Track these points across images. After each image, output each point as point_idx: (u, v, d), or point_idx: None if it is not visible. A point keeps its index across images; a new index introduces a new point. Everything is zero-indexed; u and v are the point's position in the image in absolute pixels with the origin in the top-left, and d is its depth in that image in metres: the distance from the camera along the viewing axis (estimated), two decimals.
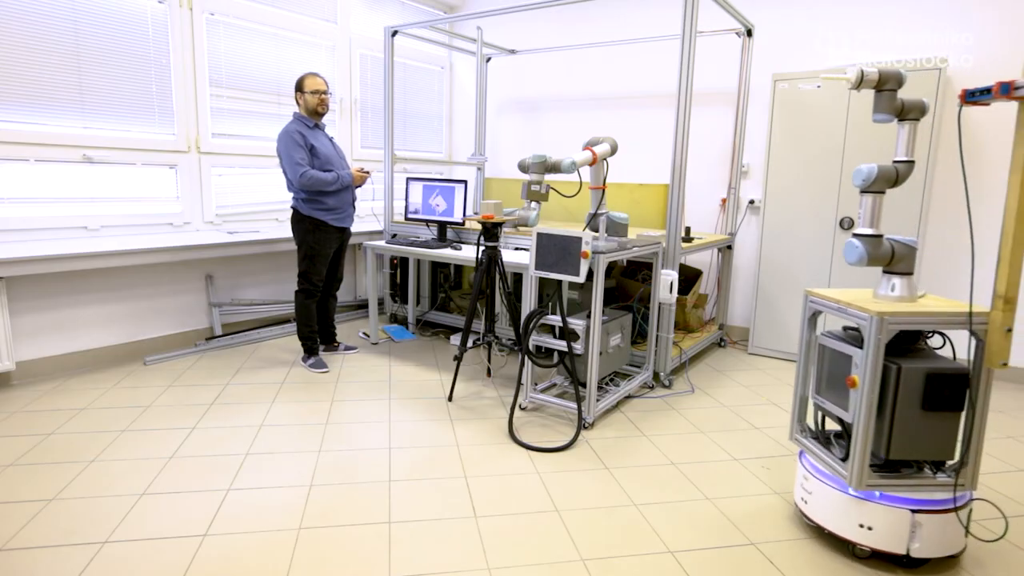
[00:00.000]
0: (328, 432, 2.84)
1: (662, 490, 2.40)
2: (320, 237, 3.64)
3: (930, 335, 2.00)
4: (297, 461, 2.55)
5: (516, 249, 3.88)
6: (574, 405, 3.02)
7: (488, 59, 5.40)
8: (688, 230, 4.02)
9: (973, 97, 1.81)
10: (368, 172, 3.77)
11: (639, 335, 3.82)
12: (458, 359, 3.29)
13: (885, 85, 2.00)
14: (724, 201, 4.65)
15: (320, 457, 2.59)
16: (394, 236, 4.44)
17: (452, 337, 4.52)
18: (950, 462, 1.97)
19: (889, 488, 1.91)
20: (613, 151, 3.09)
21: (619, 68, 5.05)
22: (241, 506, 2.20)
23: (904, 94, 1.98)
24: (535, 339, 3.05)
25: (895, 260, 1.98)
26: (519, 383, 3.00)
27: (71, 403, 3.09)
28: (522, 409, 3.16)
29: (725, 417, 3.15)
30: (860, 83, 2.00)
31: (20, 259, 3.06)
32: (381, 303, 5.11)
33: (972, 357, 1.91)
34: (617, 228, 3.17)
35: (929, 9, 3.84)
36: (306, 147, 3.49)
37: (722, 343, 4.54)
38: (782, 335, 4.21)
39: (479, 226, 3.39)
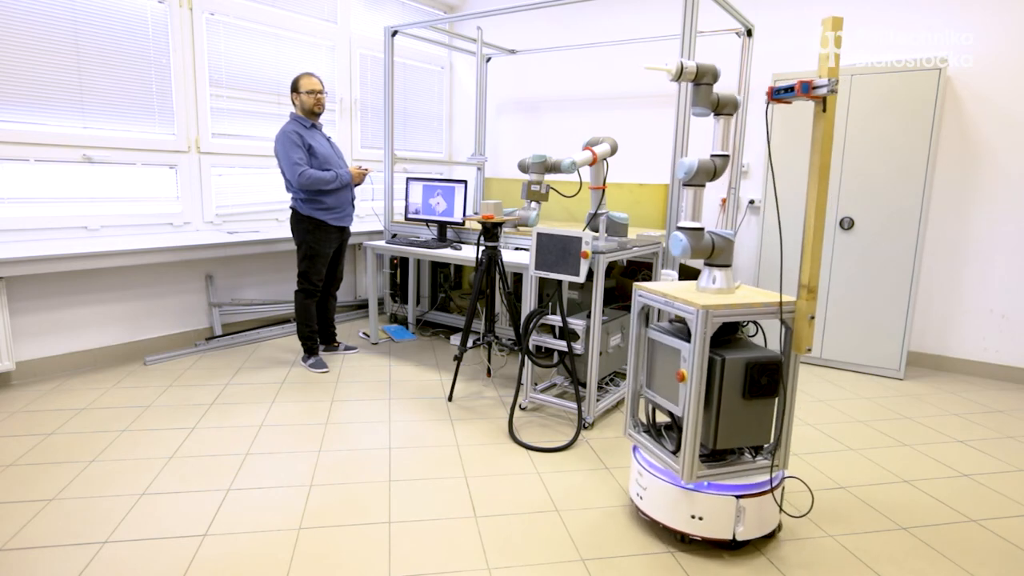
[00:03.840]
0: (328, 432, 2.84)
1: None
2: (320, 237, 3.64)
3: (745, 324, 2.05)
4: (297, 461, 2.55)
5: (516, 249, 3.88)
6: (574, 405, 3.02)
7: (488, 59, 5.39)
8: None
9: (778, 95, 1.88)
10: (367, 170, 3.77)
11: None
12: (458, 359, 3.29)
13: (702, 79, 2.06)
14: (724, 201, 4.65)
15: (320, 457, 2.59)
16: (394, 236, 4.44)
17: (452, 337, 4.52)
18: (766, 445, 2.05)
19: (715, 477, 1.97)
20: (613, 151, 3.09)
21: (619, 68, 5.04)
22: (241, 506, 2.20)
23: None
24: (535, 339, 3.05)
25: (715, 253, 2.03)
26: (519, 383, 3.00)
27: (71, 403, 3.09)
28: (522, 409, 3.16)
29: None
30: (680, 75, 2.05)
31: (20, 259, 3.06)
32: (381, 303, 5.11)
33: (782, 344, 2.01)
34: (617, 228, 3.17)
35: (929, 9, 3.83)
36: (304, 147, 3.49)
37: None
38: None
39: (479, 226, 3.39)
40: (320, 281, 3.73)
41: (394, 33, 4.39)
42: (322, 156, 3.57)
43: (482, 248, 3.28)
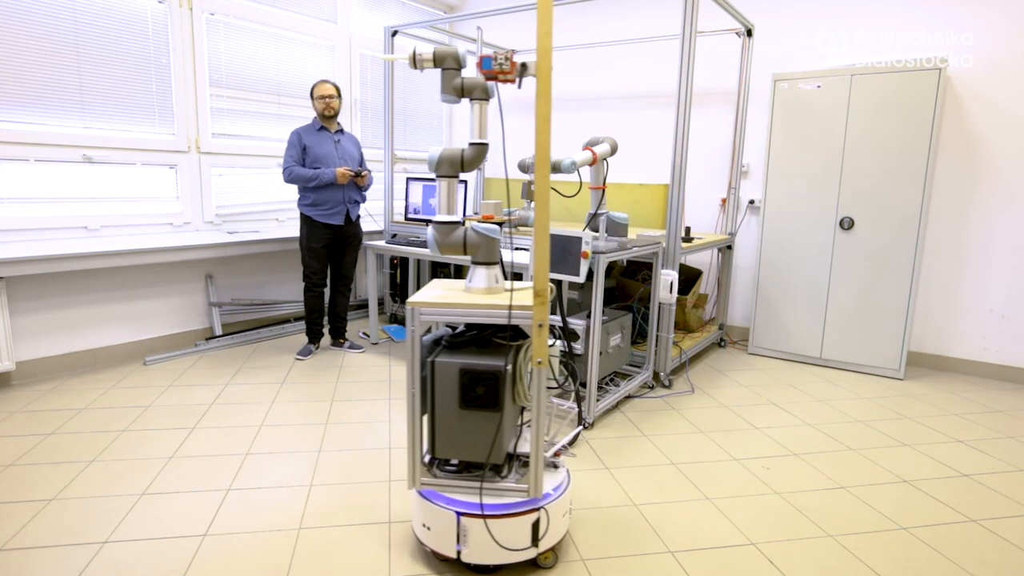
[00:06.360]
0: (328, 432, 2.84)
1: (662, 490, 2.40)
2: (308, 232, 3.82)
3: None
4: (297, 461, 2.55)
5: (516, 249, 3.88)
6: (574, 405, 3.02)
7: None
8: (688, 230, 4.02)
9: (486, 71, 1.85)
10: (354, 171, 3.77)
11: (639, 335, 3.82)
12: None
13: (443, 64, 1.95)
14: (724, 201, 4.65)
15: (320, 457, 2.59)
16: (394, 236, 4.44)
17: None
18: (521, 465, 1.93)
19: (443, 488, 1.86)
20: (613, 151, 3.09)
21: (619, 68, 5.04)
22: (241, 506, 2.20)
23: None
24: None
25: (469, 248, 1.91)
26: None
27: (71, 403, 3.09)
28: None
29: (725, 417, 3.15)
30: (415, 62, 1.96)
31: (20, 259, 3.06)
32: (381, 303, 5.11)
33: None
34: (617, 228, 3.17)
35: (929, 9, 3.83)
36: (299, 147, 3.70)
37: (722, 343, 4.54)
38: (782, 335, 4.21)
39: None
40: (315, 274, 3.87)
41: (394, 33, 4.40)
42: (315, 156, 3.72)
43: None
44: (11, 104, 3.25)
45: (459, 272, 4.98)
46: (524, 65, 1.85)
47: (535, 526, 1.82)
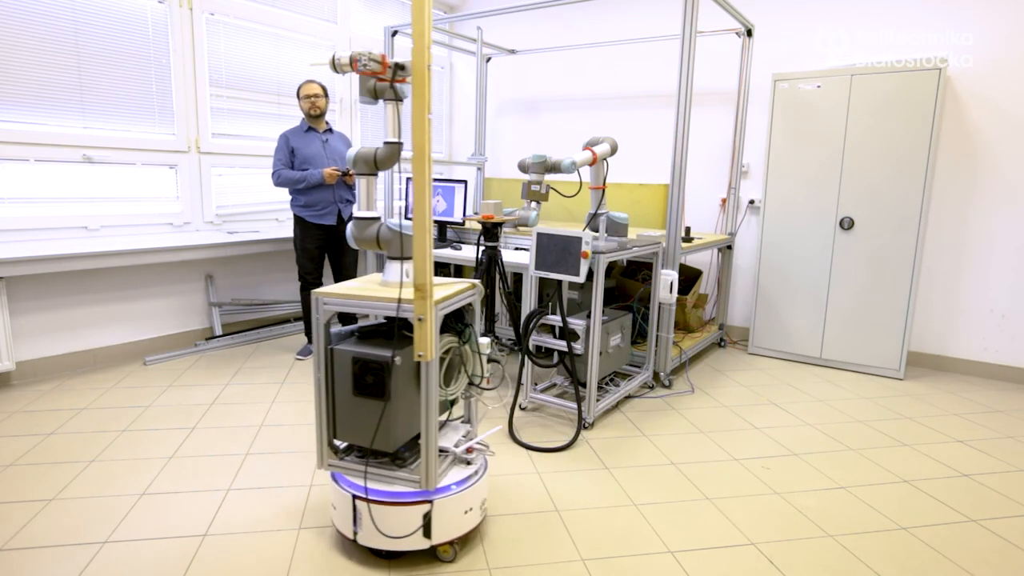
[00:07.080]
0: None
1: (662, 490, 2.40)
2: (301, 233, 3.83)
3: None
4: (297, 461, 2.55)
5: (516, 249, 3.87)
6: (574, 405, 3.02)
7: (488, 59, 5.39)
8: (688, 230, 4.02)
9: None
10: (341, 171, 3.75)
11: (639, 335, 3.81)
12: None
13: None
14: (724, 201, 4.65)
15: None
16: None
17: None
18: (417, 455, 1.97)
19: (344, 471, 1.93)
20: (613, 151, 3.09)
21: (619, 68, 5.04)
22: (241, 506, 2.20)
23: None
24: (535, 339, 3.05)
25: (382, 243, 1.99)
26: (519, 383, 2.99)
27: (71, 403, 3.09)
28: (522, 409, 3.16)
29: (725, 417, 3.15)
30: (334, 66, 2.01)
31: (20, 259, 3.06)
32: None
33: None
34: (617, 228, 3.17)
35: (929, 9, 3.84)
36: (287, 149, 3.72)
37: (722, 343, 4.54)
38: (782, 335, 4.21)
39: (479, 226, 3.39)
40: (309, 275, 3.88)
41: (394, 33, 4.40)
42: (303, 157, 3.73)
43: (482, 248, 3.28)
44: (11, 104, 3.25)
45: (459, 274, 4.98)
46: (399, 65, 1.91)
47: (427, 517, 1.86)
